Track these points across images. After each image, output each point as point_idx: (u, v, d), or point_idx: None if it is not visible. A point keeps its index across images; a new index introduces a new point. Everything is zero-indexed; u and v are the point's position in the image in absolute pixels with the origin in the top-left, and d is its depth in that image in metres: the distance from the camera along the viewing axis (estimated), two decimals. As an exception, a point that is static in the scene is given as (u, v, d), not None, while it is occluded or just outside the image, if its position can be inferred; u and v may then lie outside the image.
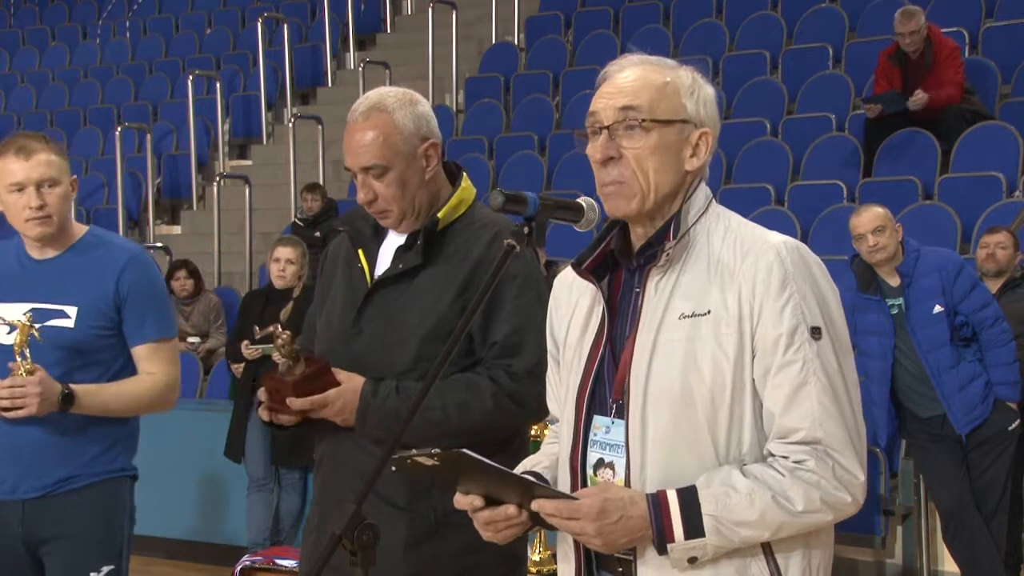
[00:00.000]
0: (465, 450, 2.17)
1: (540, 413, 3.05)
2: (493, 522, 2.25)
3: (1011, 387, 6.08)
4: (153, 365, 3.62)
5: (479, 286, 2.90)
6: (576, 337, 2.37)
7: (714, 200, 2.32)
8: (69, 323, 3.54)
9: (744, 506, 2.14)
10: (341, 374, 2.99)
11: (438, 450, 2.17)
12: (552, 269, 7.70)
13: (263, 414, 3.05)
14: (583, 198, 2.39)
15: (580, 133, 2.30)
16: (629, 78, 2.28)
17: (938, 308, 5.96)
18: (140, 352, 3.61)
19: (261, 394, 3.04)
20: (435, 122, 3.08)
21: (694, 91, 2.28)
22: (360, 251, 3.11)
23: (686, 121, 2.26)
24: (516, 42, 12.63)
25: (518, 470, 2.46)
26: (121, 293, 3.58)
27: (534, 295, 3.01)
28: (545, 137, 10.84)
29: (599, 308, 2.33)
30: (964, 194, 8.33)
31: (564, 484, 2.34)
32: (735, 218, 2.31)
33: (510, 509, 2.23)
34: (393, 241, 3.11)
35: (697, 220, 2.27)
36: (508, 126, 11.39)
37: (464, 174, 3.14)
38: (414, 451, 2.20)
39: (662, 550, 2.17)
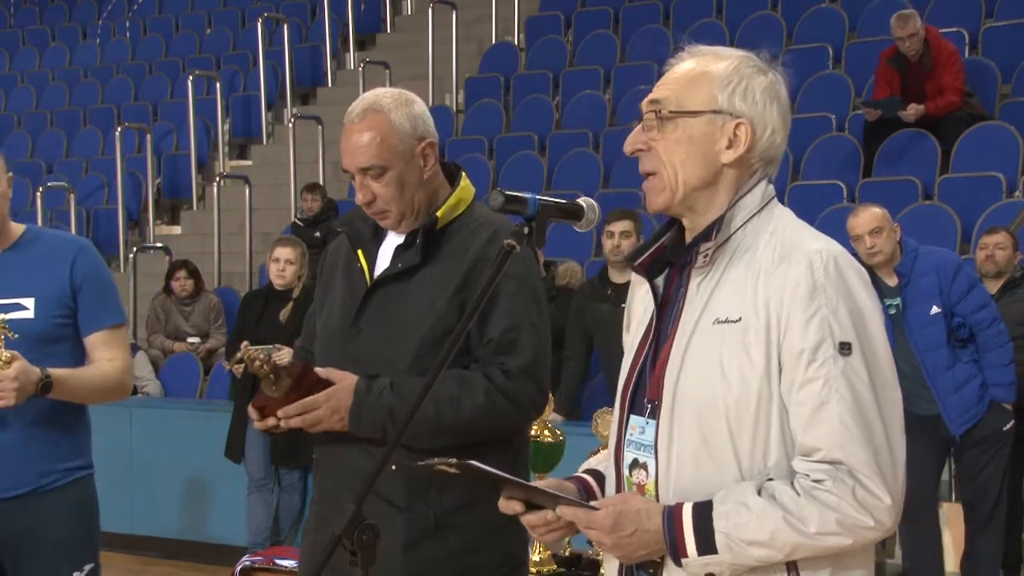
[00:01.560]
0: (473, 462, 2.19)
1: (533, 412, 3.05)
2: (537, 526, 2.25)
3: (1007, 388, 6.06)
4: (111, 351, 3.61)
5: (477, 284, 2.91)
6: (634, 332, 2.35)
7: (775, 200, 2.27)
8: (29, 314, 3.52)
9: (755, 525, 2.08)
10: (335, 373, 2.98)
11: (455, 459, 2.19)
12: (551, 269, 7.73)
13: (259, 427, 3.03)
14: (583, 198, 2.38)
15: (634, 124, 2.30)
16: (673, 71, 2.28)
17: (935, 309, 5.95)
18: (98, 339, 3.60)
19: (251, 412, 3.02)
20: (431, 122, 3.08)
21: (732, 81, 2.23)
22: (359, 252, 3.11)
23: (717, 112, 2.22)
24: (516, 42, 12.62)
25: (583, 466, 2.47)
26: (75, 281, 3.57)
27: (530, 294, 3.01)
28: (545, 137, 10.84)
29: (651, 305, 2.31)
30: (964, 194, 8.33)
31: (610, 483, 2.33)
32: (786, 220, 2.25)
33: (548, 515, 2.23)
34: (392, 241, 3.10)
35: (747, 222, 2.22)
36: (508, 126, 11.39)
37: (463, 174, 3.14)
38: (436, 460, 2.21)
39: (678, 564, 2.15)
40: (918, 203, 8.34)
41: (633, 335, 2.35)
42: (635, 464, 2.26)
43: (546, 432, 3.95)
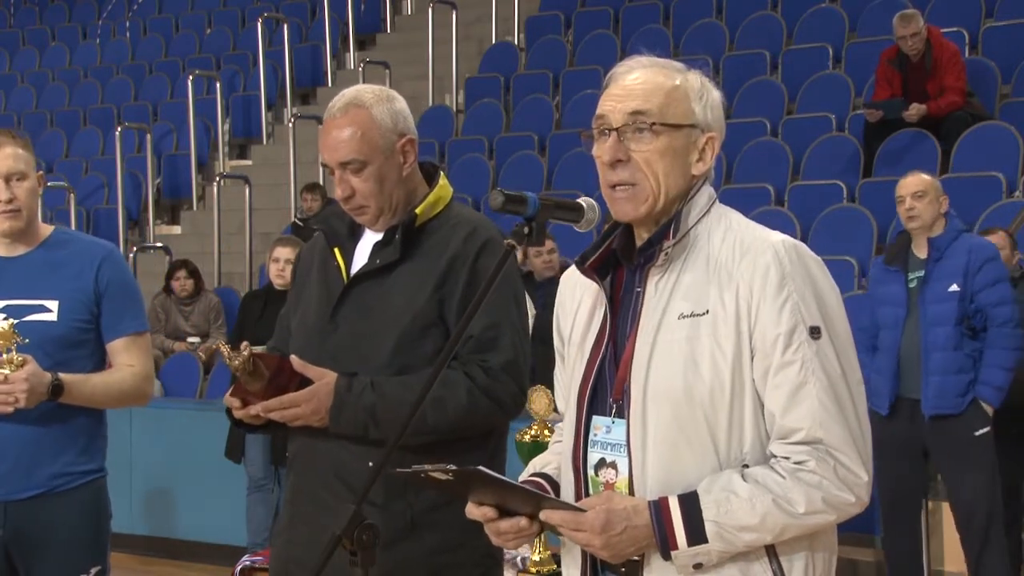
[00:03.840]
0: (481, 467, 2.18)
1: (515, 410, 3.05)
2: (506, 532, 2.26)
3: (995, 391, 5.87)
4: (132, 358, 3.63)
5: (455, 280, 2.93)
6: (579, 336, 2.37)
7: (717, 201, 2.32)
8: (52, 316, 3.53)
9: (746, 510, 2.14)
10: (312, 370, 2.96)
11: (453, 466, 2.19)
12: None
13: (239, 415, 3.01)
14: (583, 198, 2.39)
15: (586, 134, 2.31)
16: (638, 80, 2.28)
17: (954, 287, 5.82)
18: (118, 345, 3.62)
19: (228, 400, 3.01)
20: (411, 119, 3.09)
21: (703, 95, 2.29)
22: (336, 249, 3.11)
23: (695, 126, 2.27)
24: (516, 42, 12.63)
25: (528, 470, 2.48)
26: (100, 287, 3.58)
27: (510, 292, 3.01)
28: (545, 137, 10.84)
29: (601, 307, 2.33)
30: (964, 194, 8.31)
31: (568, 484, 2.35)
32: (736, 218, 2.31)
33: (522, 521, 2.24)
34: (369, 240, 3.10)
35: (699, 220, 2.28)
36: (508, 126, 11.39)
37: (441, 173, 3.15)
38: (427, 466, 2.20)
39: (666, 557, 2.17)
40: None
41: (580, 339, 2.37)
42: (602, 464, 2.28)
43: (546, 432, 3.95)
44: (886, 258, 6.11)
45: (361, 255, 3.09)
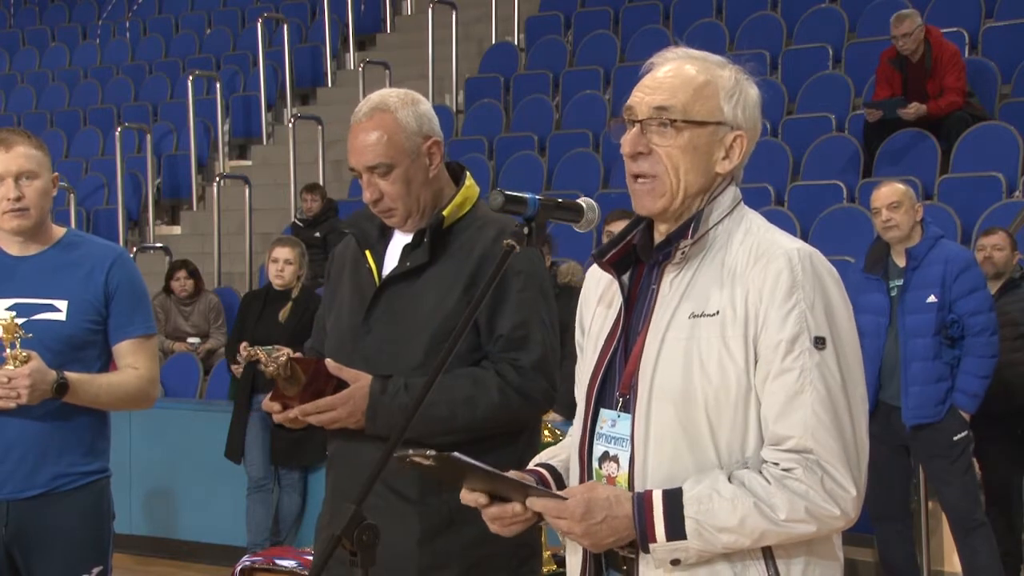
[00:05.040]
0: (456, 453, 2.18)
1: (546, 406, 3.10)
2: (499, 518, 2.27)
3: (971, 398, 5.93)
4: (138, 360, 3.64)
5: (483, 280, 2.94)
6: (597, 329, 2.38)
7: (742, 203, 2.32)
8: (61, 316, 3.54)
9: (726, 511, 2.13)
10: (347, 373, 3.01)
11: (433, 452, 2.18)
12: (553, 269, 7.74)
13: (279, 419, 3.05)
14: (583, 198, 2.39)
15: (616, 120, 2.31)
16: (669, 73, 2.28)
17: (932, 298, 5.88)
18: (125, 348, 3.63)
19: (267, 405, 3.05)
20: (436, 121, 3.13)
21: (735, 94, 2.28)
22: (367, 252, 3.15)
23: (721, 123, 2.26)
24: (516, 42, 12.63)
25: (535, 461, 2.49)
26: (110, 289, 3.60)
27: (538, 290, 3.06)
28: (545, 137, 10.84)
29: (618, 301, 2.34)
30: (964, 194, 8.33)
31: (575, 475, 2.35)
32: (758, 222, 2.30)
33: (516, 507, 2.25)
34: (399, 241, 3.15)
35: (720, 221, 2.27)
36: (508, 126, 11.40)
37: (467, 173, 3.19)
38: (411, 451, 2.21)
39: (645, 549, 2.17)
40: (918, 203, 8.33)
41: (597, 332, 2.38)
42: (605, 457, 2.29)
43: (546, 432, 3.96)
44: (866, 265, 6.13)
45: (392, 256, 3.14)
